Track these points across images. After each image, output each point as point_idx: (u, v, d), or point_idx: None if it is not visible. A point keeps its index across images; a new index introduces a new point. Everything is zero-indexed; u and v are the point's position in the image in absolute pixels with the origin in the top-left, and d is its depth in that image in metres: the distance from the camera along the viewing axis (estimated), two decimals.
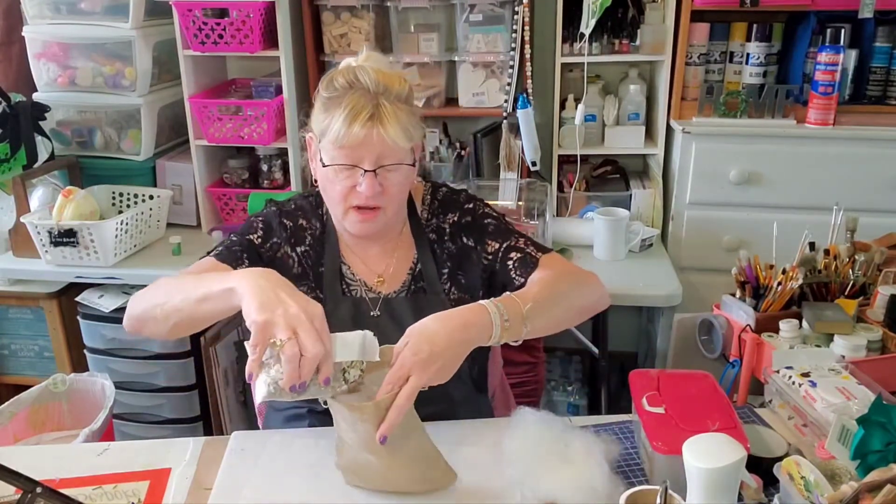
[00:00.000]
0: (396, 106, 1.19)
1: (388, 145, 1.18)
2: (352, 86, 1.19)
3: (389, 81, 1.20)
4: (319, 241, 1.35)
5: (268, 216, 1.36)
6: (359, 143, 1.17)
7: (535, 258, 1.31)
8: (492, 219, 1.38)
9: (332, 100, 1.20)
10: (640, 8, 2.23)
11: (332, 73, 1.23)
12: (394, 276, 1.35)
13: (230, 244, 1.31)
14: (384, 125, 1.17)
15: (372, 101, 1.17)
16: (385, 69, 1.24)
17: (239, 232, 1.35)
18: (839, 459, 1.02)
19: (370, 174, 1.19)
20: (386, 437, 1.00)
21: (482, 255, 1.35)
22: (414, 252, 1.36)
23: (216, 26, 2.16)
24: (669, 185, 2.27)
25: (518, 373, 1.82)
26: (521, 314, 1.14)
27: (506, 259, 1.32)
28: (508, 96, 2.23)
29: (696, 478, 0.91)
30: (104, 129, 2.40)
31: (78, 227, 2.05)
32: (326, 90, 1.22)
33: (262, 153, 2.39)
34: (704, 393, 1.17)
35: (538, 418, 1.16)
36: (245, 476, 1.15)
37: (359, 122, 1.16)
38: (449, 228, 1.37)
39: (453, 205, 1.39)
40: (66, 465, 1.19)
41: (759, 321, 1.40)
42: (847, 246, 1.53)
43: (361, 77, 1.19)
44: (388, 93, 1.19)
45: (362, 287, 1.35)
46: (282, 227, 1.34)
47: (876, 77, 2.15)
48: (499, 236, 1.35)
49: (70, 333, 2.26)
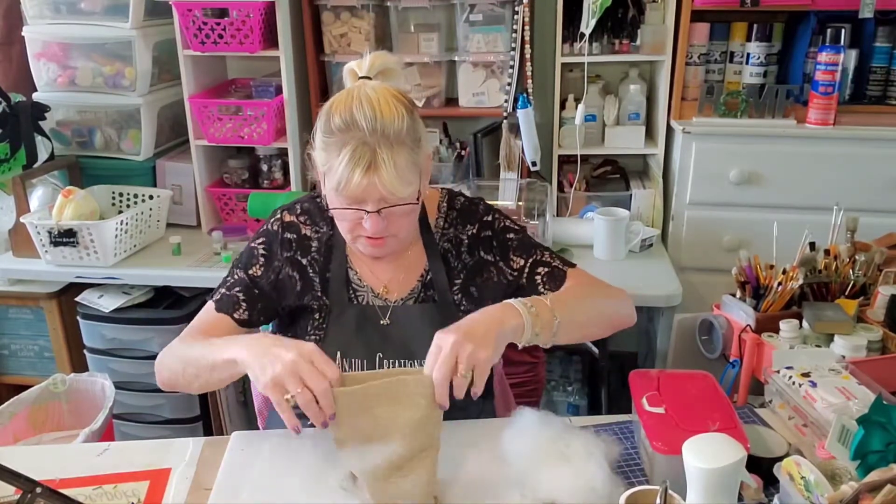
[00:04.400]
0: (395, 151, 1.14)
1: (385, 192, 1.15)
2: (348, 127, 1.14)
3: (387, 117, 1.14)
4: (327, 246, 1.34)
5: (269, 238, 1.34)
6: (360, 191, 1.15)
7: (563, 271, 1.32)
8: (513, 233, 1.36)
9: (330, 143, 1.17)
10: (641, 8, 2.22)
11: (330, 107, 1.18)
12: (403, 283, 1.34)
13: (230, 285, 1.33)
14: (381, 176, 1.13)
15: (370, 149, 1.13)
16: (394, 81, 1.22)
17: (241, 264, 1.34)
18: (839, 459, 1.02)
19: (374, 214, 1.18)
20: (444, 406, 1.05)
21: (506, 272, 1.34)
22: (425, 260, 1.35)
23: (216, 26, 2.16)
24: (669, 185, 2.27)
25: (518, 373, 1.82)
26: (551, 316, 1.15)
27: (533, 274, 1.33)
28: (508, 96, 2.23)
29: (696, 478, 0.91)
30: (104, 129, 2.40)
31: (78, 227, 2.05)
32: (324, 129, 1.18)
33: (262, 153, 2.39)
34: (704, 393, 1.17)
35: (538, 418, 1.16)
36: (245, 476, 1.15)
37: (357, 173, 1.13)
38: (466, 240, 1.36)
39: (471, 216, 1.37)
40: (66, 465, 1.19)
41: (760, 321, 1.40)
42: (847, 246, 1.53)
43: (357, 117, 1.14)
44: (386, 135, 1.14)
45: (369, 293, 1.33)
46: (283, 245, 1.33)
47: (876, 77, 2.15)
48: (523, 252, 1.34)
49: (70, 333, 2.26)
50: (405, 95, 1.20)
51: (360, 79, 1.22)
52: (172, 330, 2.11)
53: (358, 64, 1.25)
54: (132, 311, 2.14)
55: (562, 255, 1.40)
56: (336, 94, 1.21)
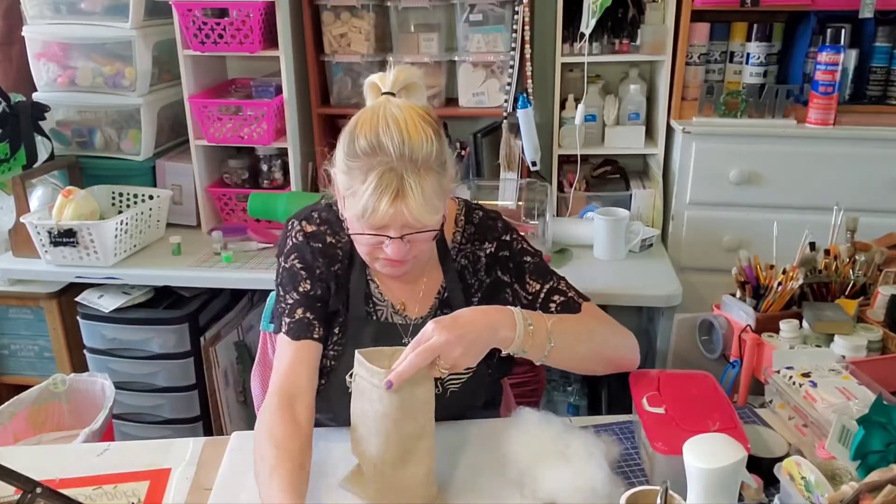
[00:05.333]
0: (423, 176, 1.11)
1: (412, 220, 1.12)
2: (375, 152, 1.10)
3: (415, 141, 1.10)
4: (348, 255, 1.30)
5: (300, 251, 1.29)
6: (386, 220, 1.12)
7: (577, 303, 1.29)
8: (529, 256, 1.33)
9: (355, 167, 1.12)
10: (641, 8, 2.22)
11: (355, 128, 1.13)
12: (423, 300, 1.31)
13: (292, 310, 1.25)
14: (409, 205, 1.10)
15: (398, 176, 1.09)
16: (417, 97, 1.20)
17: (290, 286, 1.27)
18: (839, 460, 1.02)
19: (397, 240, 1.15)
20: (392, 382, 1.02)
21: (521, 295, 1.31)
22: (442, 277, 1.32)
23: (216, 26, 2.16)
24: (669, 185, 2.27)
25: (518, 373, 1.82)
26: (546, 331, 1.14)
27: (549, 301, 1.29)
28: (508, 96, 2.23)
29: (696, 478, 0.91)
30: (104, 129, 2.40)
31: (78, 227, 2.04)
32: (347, 152, 1.13)
33: (262, 153, 2.39)
34: (705, 393, 1.17)
35: (538, 418, 1.16)
36: (245, 476, 1.15)
37: (385, 200, 1.09)
38: (484, 259, 1.33)
39: (489, 232, 1.34)
40: (66, 465, 1.19)
41: (760, 321, 1.40)
42: (847, 246, 1.53)
43: (385, 141, 1.09)
44: (415, 159, 1.10)
45: (388, 309, 1.31)
46: (315, 254, 1.28)
47: (876, 77, 2.15)
48: (539, 277, 1.31)
49: (70, 333, 2.25)
50: (431, 115, 1.17)
51: (384, 95, 1.18)
52: (172, 330, 2.12)
53: (381, 78, 1.21)
54: (132, 311, 2.14)
55: (561, 255, 1.40)
56: (359, 112, 1.16)
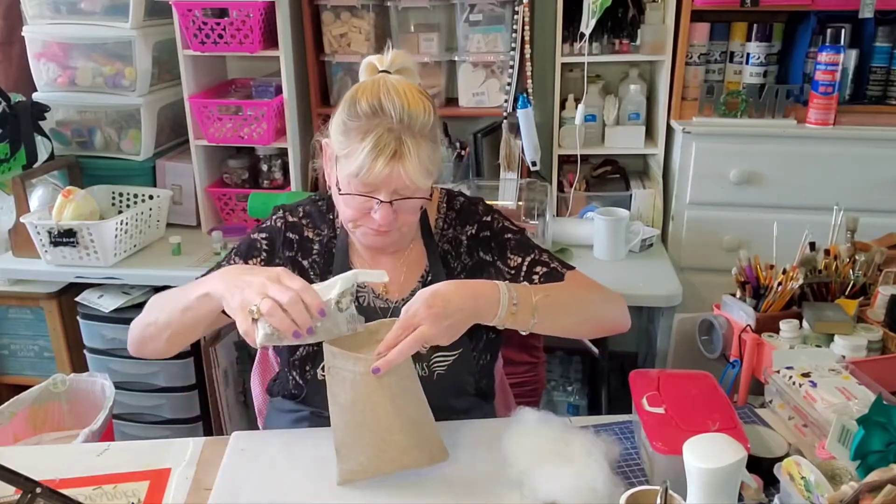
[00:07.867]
0: (419, 141, 1.15)
1: (407, 181, 1.15)
2: (375, 113, 1.14)
3: (415, 109, 1.15)
4: (327, 248, 1.33)
5: (272, 234, 1.33)
6: (380, 180, 1.15)
7: (561, 273, 1.32)
8: (511, 233, 1.36)
9: (353, 127, 1.16)
10: (641, 8, 2.23)
11: (356, 93, 1.18)
12: (403, 284, 1.34)
13: None
14: (406, 165, 1.13)
15: (396, 137, 1.13)
16: (412, 80, 1.22)
17: (241, 253, 1.33)
18: (839, 460, 1.02)
19: (386, 205, 1.17)
20: (379, 369, 1.04)
21: (503, 270, 1.34)
22: (425, 261, 1.34)
23: (216, 26, 2.16)
24: (669, 185, 2.27)
25: (518, 373, 1.82)
26: (531, 303, 1.16)
27: (531, 273, 1.32)
28: (508, 96, 2.23)
29: (696, 478, 0.91)
30: (104, 129, 2.40)
31: (78, 228, 2.05)
32: (348, 113, 1.17)
33: (262, 153, 2.39)
34: (704, 393, 1.17)
35: (538, 418, 1.16)
36: (245, 476, 1.15)
37: (381, 160, 1.13)
38: (466, 241, 1.36)
39: (471, 216, 1.37)
40: (66, 465, 1.19)
41: (760, 321, 1.40)
42: (847, 246, 1.53)
43: (386, 104, 1.14)
44: (413, 125, 1.14)
45: (370, 294, 1.33)
46: (286, 244, 1.33)
47: (876, 77, 2.15)
48: (521, 251, 1.34)
49: (70, 333, 2.26)
50: (428, 94, 1.22)
51: (381, 73, 1.22)
52: None
53: (379, 59, 1.25)
54: (132, 311, 2.13)
55: (561, 255, 1.40)
56: (358, 83, 1.21)
